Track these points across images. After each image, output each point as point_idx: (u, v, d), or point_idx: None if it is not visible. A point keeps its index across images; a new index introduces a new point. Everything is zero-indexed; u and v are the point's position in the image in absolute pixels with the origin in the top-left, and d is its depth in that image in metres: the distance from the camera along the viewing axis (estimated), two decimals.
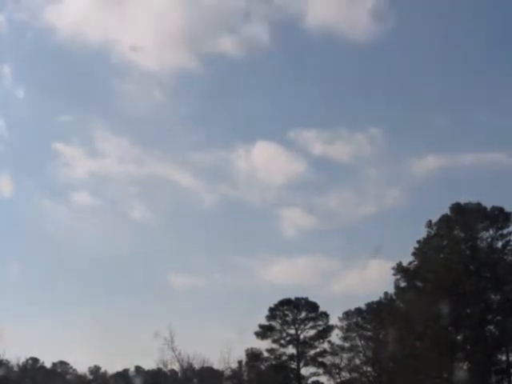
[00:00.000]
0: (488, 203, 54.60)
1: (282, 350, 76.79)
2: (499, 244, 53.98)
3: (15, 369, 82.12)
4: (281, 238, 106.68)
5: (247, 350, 77.69)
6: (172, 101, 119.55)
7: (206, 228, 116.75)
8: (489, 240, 54.02)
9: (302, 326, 77.03)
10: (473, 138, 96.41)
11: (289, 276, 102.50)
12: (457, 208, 54.79)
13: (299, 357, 76.17)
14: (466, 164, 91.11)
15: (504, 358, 52.29)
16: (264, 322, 76.85)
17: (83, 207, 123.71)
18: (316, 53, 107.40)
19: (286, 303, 77.12)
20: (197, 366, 67.74)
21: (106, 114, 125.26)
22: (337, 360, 74.60)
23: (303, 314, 77.21)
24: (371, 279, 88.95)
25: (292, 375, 77.34)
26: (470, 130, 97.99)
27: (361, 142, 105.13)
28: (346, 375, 74.65)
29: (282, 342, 76.69)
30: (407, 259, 54.74)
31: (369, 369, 71.02)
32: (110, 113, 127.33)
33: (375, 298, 69.14)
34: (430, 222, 55.39)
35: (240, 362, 77.69)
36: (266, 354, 77.33)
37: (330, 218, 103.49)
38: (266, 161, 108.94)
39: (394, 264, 55.38)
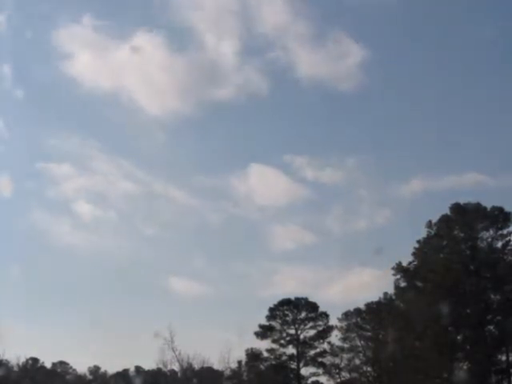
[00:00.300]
0: (488, 203, 54.78)
1: (281, 350, 76.81)
2: (499, 244, 53.98)
3: (15, 369, 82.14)
4: (279, 249, 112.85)
5: (247, 350, 77.72)
6: (173, 137, 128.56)
7: (207, 240, 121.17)
8: (489, 240, 53.98)
9: (301, 326, 77.00)
10: (455, 161, 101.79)
11: (288, 282, 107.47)
12: (457, 208, 54.74)
13: (299, 357, 76.11)
14: (449, 185, 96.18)
15: (504, 358, 52.19)
16: (264, 322, 76.96)
17: (83, 215, 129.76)
18: (308, 98, 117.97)
19: (285, 303, 77.06)
20: (197, 366, 67.88)
21: (106, 141, 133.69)
22: (337, 360, 74.51)
23: (303, 314, 77.16)
24: (363, 286, 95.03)
25: (292, 375, 77.28)
26: (452, 153, 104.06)
27: (350, 167, 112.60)
28: (345, 375, 74.59)
29: (282, 342, 76.64)
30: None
31: (369, 369, 70.90)
32: (111, 141, 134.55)
33: (374, 299, 69.18)
34: (429, 222, 55.37)
35: (240, 362, 77.77)
36: (265, 354, 77.35)
37: (325, 233, 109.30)
38: (263, 182, 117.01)
39: (383, 272, 55.81)
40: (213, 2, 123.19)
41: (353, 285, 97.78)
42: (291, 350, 76.56)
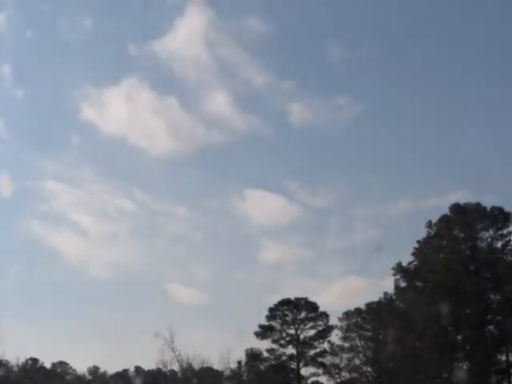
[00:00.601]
0: (488, 203, 54.79)
1: (281, 350, 76.75)
2: (499, 244, 53.97)
3: (15, 369, 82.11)
4: (279, 261, 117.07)
5: (247, 350, 77.71)
6: (174, 170, 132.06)
7: (209, 252, 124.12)
8: (488, 240, 53.97)
9: (301, 326, 76.96)
10: (439, 183, 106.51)
11: (287, 289, 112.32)
12: (456, 208, 54.74)
13: (299, 357, 76.08)
14: (435, 205, 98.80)
15: (504, 358, 52.19)
16: (264, 322, 76.93)
17: (84, 226, 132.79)
18: (300, 136, 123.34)
19: (285, 303, 77.01)
20: (196, 366, 67.96)
21: (109, 168, 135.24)
22: (337, 360, 74.49)
23: (303, 314, 77.12)
24: (356, 292, 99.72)
25: (292, 375, 77.25)
26: (437, 175, 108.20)
27: (342, 189, 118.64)
28: (345, 375, 74.58)
29: (282, 342, 76.59)
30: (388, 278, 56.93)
31: (369, 369, 70.90)
32: (113, 170, 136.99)
33: (375, 299, 69.20)
34: (429, 222, 55.36)
35: (239, 363, 77.76)
36: (265, 354, 77.31)
37: (321, 248, 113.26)
38: (262, 204, 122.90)
39: (375, 280, 56.39)
40: (193, 54, 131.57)
41: (346, 291, 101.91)
42: (291, 350, 76.65)
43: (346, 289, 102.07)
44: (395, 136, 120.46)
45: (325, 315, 76.78)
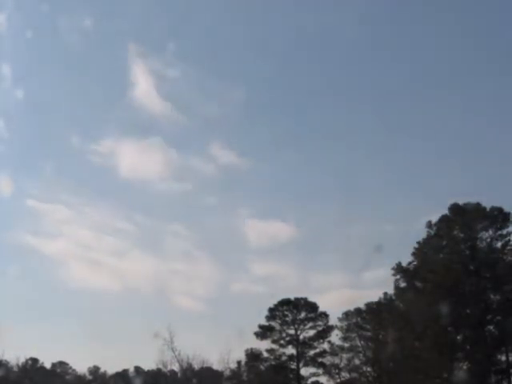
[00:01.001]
0: (487, 203, 54.83)
1: (281, 350, 76.75)
2: (499, 244, 53.89)
3: (15, 369, 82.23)
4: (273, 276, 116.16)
5: (247, 351, 77.72)
6: (175, 201, 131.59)
7: (210, 264, 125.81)
8: (488, 240, 53.95)
9: (301, 327, 76.98)
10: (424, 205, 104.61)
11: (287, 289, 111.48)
12: (456, 208, 54.76)
13: (299, 357, 76.09)
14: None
15: (504, 358, 52.14)
16: (264, 322, 76.97)
17: (85, 235, 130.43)
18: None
19: (285, 303, 77.02)
20: (196, 366, 67.97)
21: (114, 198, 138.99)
22: (336, 360, 74.49)
23: (303, 314, 77.14)
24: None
25: (292, 375, 77.23)
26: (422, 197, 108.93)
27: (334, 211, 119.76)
28: (345, 375, 74.61)
29: (282, 342, 76.60)
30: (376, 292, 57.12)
31: (368, 369, 70.96)
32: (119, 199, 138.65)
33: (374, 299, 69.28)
34: (429, 222, 55.39)
35: (239, 363, 77.79)
36: (265, 355, 77.32)
37: (318, 263, 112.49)
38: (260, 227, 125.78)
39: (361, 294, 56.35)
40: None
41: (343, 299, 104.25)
42: (291, 350, 76.62)
43: (342, 297, 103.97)
44: (393, 135, 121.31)
45: (324, 315, 76.80)
